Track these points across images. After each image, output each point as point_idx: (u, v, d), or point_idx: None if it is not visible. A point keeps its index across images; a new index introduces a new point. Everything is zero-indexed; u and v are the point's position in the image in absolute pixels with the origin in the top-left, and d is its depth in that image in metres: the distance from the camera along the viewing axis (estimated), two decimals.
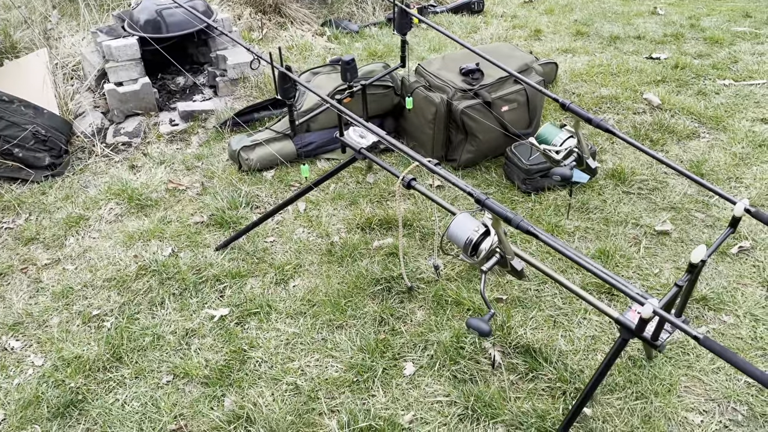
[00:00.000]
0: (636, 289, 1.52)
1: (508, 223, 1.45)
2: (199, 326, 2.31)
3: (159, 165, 3.28)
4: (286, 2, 4.85)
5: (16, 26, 4.80)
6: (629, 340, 1.57)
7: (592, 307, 1.71)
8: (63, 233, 2.84)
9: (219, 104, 3.67)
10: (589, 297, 1.69)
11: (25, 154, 3.21)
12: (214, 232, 2.81)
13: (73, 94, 3.76)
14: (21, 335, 2.34)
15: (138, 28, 3.61)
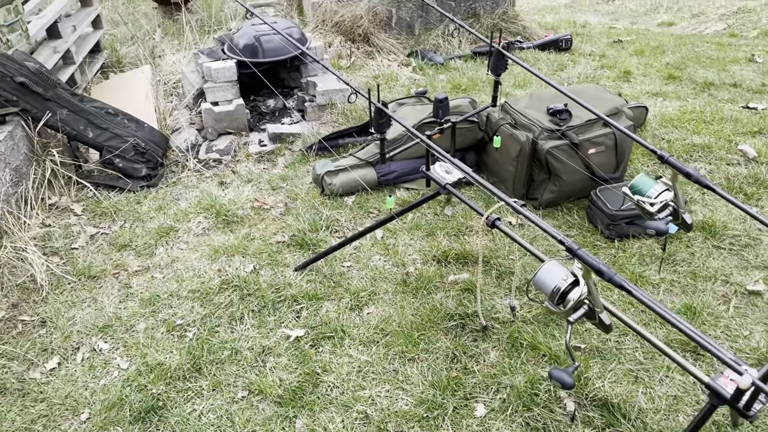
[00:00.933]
0: (729, 354, 1.46)
1: (600, 276, 1.43)
2: (275, 345, 2.37)
3: (246, 183, 3.41)
4: (374, 32, 4.97)
5: (122, 42, 5.14)
6: (719, 406, 1.50)
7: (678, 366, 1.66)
8: (154, 242, 2.99)
9: (306, 128, 3.79)
10: (677, 356, 1.64)
11: (124, 165, 3.41)
12: (294, 252, 2.89)
13: (172, 111, 3.97)
14: (110, 338, 2.47)
15: (237, 52, 3.79)
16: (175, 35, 5.12)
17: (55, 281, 2.74)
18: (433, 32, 5.17)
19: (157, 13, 5.44)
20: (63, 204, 3.25)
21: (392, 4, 5.05)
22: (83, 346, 2.43)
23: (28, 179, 3.18)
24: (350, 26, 4.85)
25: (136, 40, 4.98)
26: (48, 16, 3.90)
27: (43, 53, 3.78)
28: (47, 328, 2.52)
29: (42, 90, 3.22)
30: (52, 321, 2.54)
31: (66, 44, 3.95)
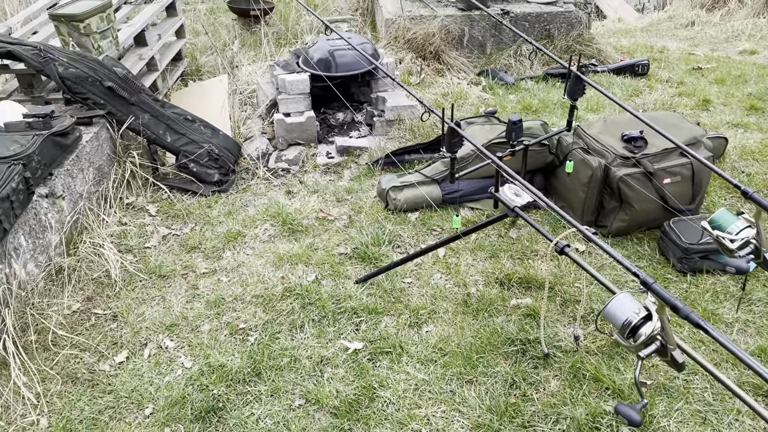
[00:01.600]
0: None
1: (676, 312, 1.38)
2: (334, 356, 2.40)
3: (312, 194, 3.47)
4: (446, 50, 4.99)
5: (202, 51, 5.34)
6: None
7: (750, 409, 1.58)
8: (222, 246, 3.08)
9: (373, 143, 3.83)
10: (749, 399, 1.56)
11: (198, 169, 3.53)
12: (356, 265, 2.92)
13: (245, 119, 4.10)
14: (175, 336, 2.55)
15: (311, 66, 3.88)
16: (252, 47, 5.29)
17: (127, 278, 2.86)
18: (505, 52, 5.14)
19: (237, 25, 5.63)
20: (139, 204, 3.39)
21: (465, 22, 5.06)
22: (150, 342, 2.52)
23: (109, 179, 3.34)
24: (422, 43, 4.89)
25: (215, 50, 5.17)
26: (136, 24, 4.10)
27: (130, 59, 3.97)
28: (118, 322, 2.63)
29: (127, 95, 3.38)
30: (123, 316, 2.65)
31: (151, 52, 4.15)
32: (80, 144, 3.10)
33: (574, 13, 5.20)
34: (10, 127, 2.85)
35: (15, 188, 2.48)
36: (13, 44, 3.24)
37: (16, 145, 2.69)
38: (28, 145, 2.70)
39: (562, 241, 1.91)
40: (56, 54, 3.23)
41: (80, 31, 3.48)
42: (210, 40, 5.36)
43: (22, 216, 2.56)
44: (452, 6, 5.22)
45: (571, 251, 1.93)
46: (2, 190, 2.39)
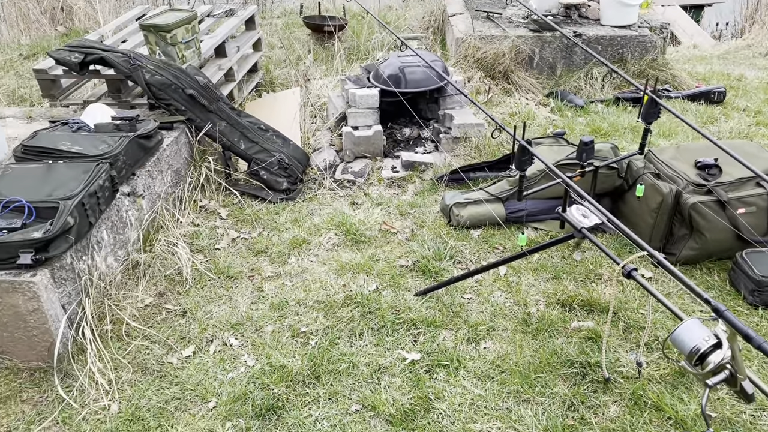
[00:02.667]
0: None
1: (748, 341, 1.35)
2: (391, 365, 2.43)
3: (376, 206, 3.53)
4: (515, 70, 5.00)
5: (276, 64, 5.53)
6: None
7: None
8: (287, 252, 3.17)
9: (438, 159, 3.87)
10: None
11: (268, 177, 3.66)
12: (416, 277, 2.95)
13: (315, 131, 4.22)
14: (240, 335, 2.65)
15: (381, 81, 3.97)
16: (324, 61, 5.44)
17: (197, 276, 2.98)
18: (575, 74, 5.10)
19: (310, 40, 5.81)
20: (211, 207, 3.54)
21: (536, 43, 5.05)
22: (216, 339, 2.62)
23: (185, 181, 3.50)
24: (491, 63, 4.91)
25: (289, 63, 5.34)
26: (218, 36, 4.30)
27: (210, 69, 4.17)
28: (187, 318, 2.74)
29: (207, 102, 3.55)
30: (191, 312, 2.77)
31: (230, 63, 4.33)
32: (161, 147, 3.27)
33: (648, 38, 5.11)
34: (100, 128, 3.04)
35: (102, 185, 2.64)
36: (105, 51, 3.46)
37: (104, 145, 2.87)
38: (115, 146, 2.87)
39: (629, 264, 1.89)
40: (144, 61, 3.43)
41: (167, 41, 3.68)
42: (284, 54, 5.54)
43: (105, 212, 2.72)
44: (524, 27, 5.23)
45: (638, 275, 1.91)
46: (90, 187, 2.56)
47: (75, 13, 6.47)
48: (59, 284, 2.40)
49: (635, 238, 1.72)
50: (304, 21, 5.88)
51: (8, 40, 6.22)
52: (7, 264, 2.29)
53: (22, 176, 2.58)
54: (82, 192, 2.50)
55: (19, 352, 2.42)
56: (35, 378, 2.41)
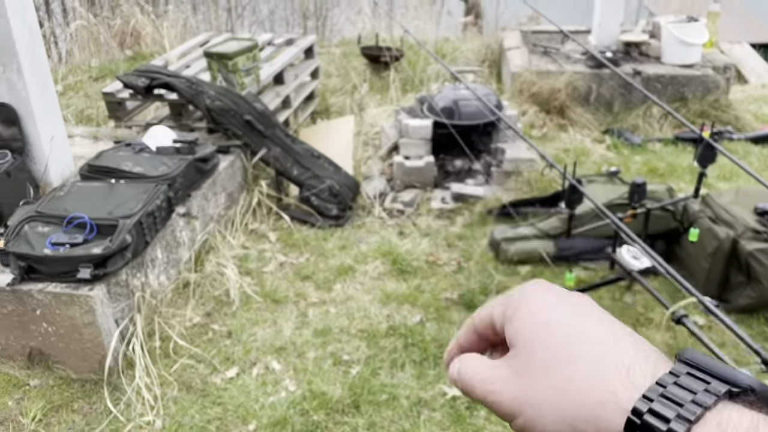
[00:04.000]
0: None
1: None
2: (432, 399, 2.41)
3: (424, 236, 3.54)
4: (571, 106, 4.96)
5: (332, 92, 5.65)
6: None
7: None
8: (333, 278, 3.20)
9: (489, 192, 3.86)
10: None
11: (318, 203, 3.71)
12: (462, 311, 2.92)
13: (367, 159, 4.27)
14: (283, 359, 2.67)
15: (435, 113, 4.00)
16: (379, 91, 5.52)
17: (244, 299, 3.04)
18: (633, 112, 5.02)
19: (367, 69, 5.91)
20: (261, 231, 3.61)
21: (594, 80, 5.01)
22: (259, 362, 2.66)
23: (237, 204, 3.59)
24: (547, 98, 4.88)
25: (345, 92, 5.45)
26: (277, 64, 4.43)
27: (268, 96, 4.29)
28: (232, 339, 2.79)
29: (263, 128, 3.65)
30: (236, 334, 2.82)
31: (287, 90, 4.45)
32: (217, 170, 3.37)
33: (711, 77, 4.99)
34: (161, 150, 3.16)
35: (159, 205, 2.74)
36: (170, 76, 3.62)
37: (164, 166, 2.98)
38: (174, 168, 2.98)
39: (680, 310, 1.84)
40: (205, 87, 3.56)
41: (228, 68, 3.82)
42: (341, 82, 5.66)
43: (161, 231, 2.82)
44: (582, 63, 5.20)
45: (689, 322, 1.85)
46: (149, 206, 2.66)
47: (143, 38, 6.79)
48: (114, 299, 2.49)
49: (686, 284, 1.67)
50: (361, 51, 6.00)
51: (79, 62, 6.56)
52: (67, 277, 2.39)
53: (86, 194, 2.70)
54: (141, 211, 2.60)
55: (72, 363, 2.51)
56: (86, 389, 2.49)
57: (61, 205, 2.59)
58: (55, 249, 2.38)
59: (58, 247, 2.38)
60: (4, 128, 2.91)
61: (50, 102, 3.02)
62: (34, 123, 2.92)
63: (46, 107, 2.98)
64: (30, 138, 2.97)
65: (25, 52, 2.82)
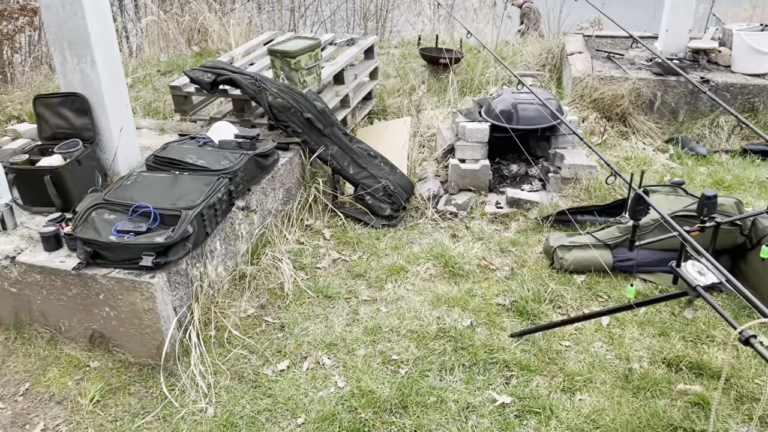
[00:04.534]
0: None
1: None
2: (480, 405, 2.38)
3: (477, 240, 3.50)
4: (633, 113, 4.83)
5: (390, 93, 5.66)
6: None
7: None
8: (384, 277, 3.21)
9: (545, 198, 3.79)
10: None
11: (373, 202, 3.73)
12: (513, 318, 2.89)
13: (422, 161, 4.26)
14: (333, 355, 2.70)
15: (492, 116, 3.96)
16: (437, 92, 5.51)
17: (297, 293, 3.08)
18: (699, 121, 4.85)
19: (425, 71, 5.90)
20: (316, 227, 3.65)
21: (659, 87, 4.86)
22: (310, 357, 2.69)
23: (294, 200, 3.64)
24: (609, 104, 4.77)
25: (402, 93, 5.46)
26: (338, 64, 4.48)
27: (328, 95, 4.34)
28: (284, 332, 2.83)
29: (322, 127, 3.69)
30: (289, 327, 2.86)
31: (346, 90, 4.49)
32: (276, 166, 3.43)
33: None
34: (223, 144, 3.24)
35: (220, 198, 2.80)
36: (235, 73, 3.70)
37: (226, 161, 3.05)
38: (236, 162, 3.05)
39: (748, 330, 1.76)
40: (268, 84, 3.63)
41: (291, 66, 3.88)
42: (399, 83, 5.67)
43: (221, 223, 2.88)
44: (646, 69, 5.05)
45: (756, 343, 1.77)
46: (210, 199, 2.72)
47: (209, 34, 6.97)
48: (173, 288, 2.56)
49: (757, 303, 1.59)
50: (420, 52, 6.00)
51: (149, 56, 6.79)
52: (130, 264, 2.47)
53: (151, 184, 2.79)
54: (203, 203, 2.66)
55: (131, 347, 2.60)
56: (143, 373, 2.57)
57: (127, 194, 2.68)
58: (120, 236, 2.46)
59: (123, 234, 2.47)
60: (76, 118, 3.04)
61: (120, 94, 3.13)
62: (105, 113, 3.04)
63: (116, 99, 3.09)
64: (100, 128, 3.08)
65: (100, 45, 2.93)
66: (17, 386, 2.54)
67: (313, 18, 9.75)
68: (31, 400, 2.48)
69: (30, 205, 2.90)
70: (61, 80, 3.03)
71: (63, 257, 2.58)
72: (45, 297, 2.60)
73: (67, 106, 3.02)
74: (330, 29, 9.34)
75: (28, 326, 2.71)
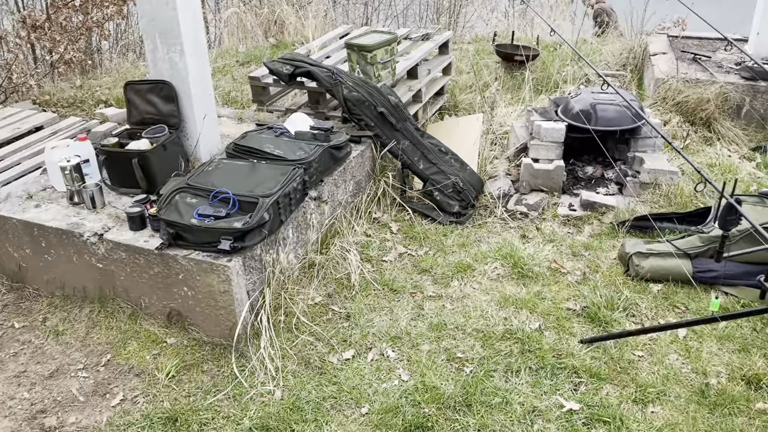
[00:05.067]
0: None
1: None
2: (547, 409, 2.34)
3: (548, 242, 3.44)
4: (719, 118, 4.61)
5: (462, 89, 5.62)
6: None
7: None
8: (451, 274, 3.20)
9: (622, 202, 3.68)
10: None
11: (441, 198, 3.72)
12: (584, 324, 2.82)
13: (493, 159, 4.22)
14: (397, 348, 2.71)
15: (570, 116, 3.87)
16: (510, 90, 5.43)
17: (364, 284, 3.11)
18: None
19: (499, 67, 5.83)
20: (384, 220, 3.67)
21: (748, 92, 4.63)
22: (375, 348, 2.71)
23: (363, 193, 3.68)
24: (693, 108, 4.58)
25: (475, 89, 5.41)
26: (412, 59, 4.48)
27: (401, 89, 4.34)
28: (350, 322, 2.87)
29: (395, 121, 3.70)
30: (354, 318, 2.89)
31: (419, 85, 4.49)
32: (348, 159, 3.47)
33: None
34: (299, 135, 3.30)
35: (295, 188, 2.86)
36: (312, 66, 3.76)
37: (301, 151, 3.11)
38: (311, 153, 3.10)
39: None
40: (344, 78, 3.67)
41: (367, 60, 3.91)
42: (471, 80, 5.62)
43: (294, 212, 2.94)
44: (735, 73, 4.82)
45: None
46: (286, 188, 2.78)
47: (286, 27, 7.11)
48: (248, 272, 2.63)
49: None
50: (495, 49, 5.93)
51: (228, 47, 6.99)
52: (208, 247, 2.56)
53: (230, 171, 2.88)
54: (279, 192, 2.73)
55: (206, 326, 2.70)
56: (216, 353, 2.66)
57: (208, 180, 2.78)
58: (200, 220, 2.55)
59: (204, 218, 2.56)
60: (163, 104, 3.16)
61: (205, 83, 3.24)
62: (190, 101, 3.15)
63: (201, 88, 3.20)
64: (185, 115, 3.20)
65: (189, 35, 3.04)
66: (99, 357, 2.68)
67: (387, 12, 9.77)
68: (112, 371, 2.61)
69: (117, 186, 3.04)
70: (150, 68, 3.16)
71: (147, 237, 2.70)
72: (128, 274, 2.73)
73: (155, 92, 3.15)
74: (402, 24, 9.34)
75: (112, 301, 2.85)
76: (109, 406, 2.45)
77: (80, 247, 2.77)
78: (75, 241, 2.77)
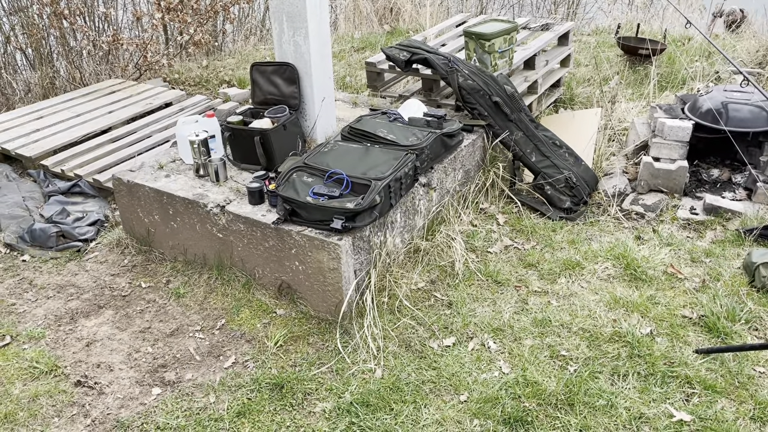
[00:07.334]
0: None
1: None
2: (655, 417, 2.25)
3: (665, 246, 3.27)
4: None
5: (579, 82, 5.43)
6: None
7: None
8: (558, 271, 3.12)
9: (750, 209, 3.43)
10: None
11: (552, 193, 3.63)
12: (700, 333, 2.67)
13: (609, 155, 4.05)
14: (499, 340, 2.69)
15: (698, 114, 3.64)
16: (631, 85, 5.18)
17: (467, 274, 3.10)
18: None
19: (620, 61, 5.58)
20: (490, 211, 3.64)
21: None
22: (476, 338, 2.71)
23: (472, 182, 3.65)
24: None
25: (593, 83, 5.21)
26: (530, 49, 4.38)
27: (516, 80, 4.27)
28: (452, 310, 2.88)
29: (509, 111, 3.65)
30: (456, 306, 2.89)
31: (536, 76, 4.38)
32: (459, 147, 3.46)
33: None
34: (413, 121, 3.33)
35: (406, 173, 2.89)
36: (429, 53, 3.77)
37: (414, 137, 3.14)
38: (423, 140, 3.12)
39: None
40: (460, 66, 3.65)
41: (485, 49, 3.86)
42: (590, 73, 5.42)
43: (403, 197, 2.98)
44: None
45: None
46: (398, 172, 2.82)
47: (401, 14, 7.17)
48: (356, 252, 2.70)
49: None
50: (618, 42, 5.67)
51: (344, 33, 7.15)
52: (321, 225, 2.65)
53: (345, 153, 2.96)
54: (390, 176, 2.77)
55: (314, 301, 2.80)
56: (321, 327, 2.76)
57: (324, 160, 2.87)
58: (315, 198, 2.65)
59: (319, 197, 2.65)
60: (286, 86, 3.29)
61: (326, 67, 3.34)
62: (311, 84, 3.26)
63: (322, 71, 3.30)
64: (305, 97, 3.32)
65: (314, 19, 3.14)
66: (215, 321, 2.85)
67: (502, 1, 9.59)
68: (226, 335, 2.77)
69: (239, 162, 3.21)
70: (276, 50, 3.30)
71: (264, 211, 2.83)
72: (245, 245, 2.88)
73: (279, 74, 3.28)
74: (518, 13, 9.13)
75: (228, 269, 3.03)
76: (222, 367, 2.61)
77: (203, 217, 2.95)
78: (199, 211, 2.95)
